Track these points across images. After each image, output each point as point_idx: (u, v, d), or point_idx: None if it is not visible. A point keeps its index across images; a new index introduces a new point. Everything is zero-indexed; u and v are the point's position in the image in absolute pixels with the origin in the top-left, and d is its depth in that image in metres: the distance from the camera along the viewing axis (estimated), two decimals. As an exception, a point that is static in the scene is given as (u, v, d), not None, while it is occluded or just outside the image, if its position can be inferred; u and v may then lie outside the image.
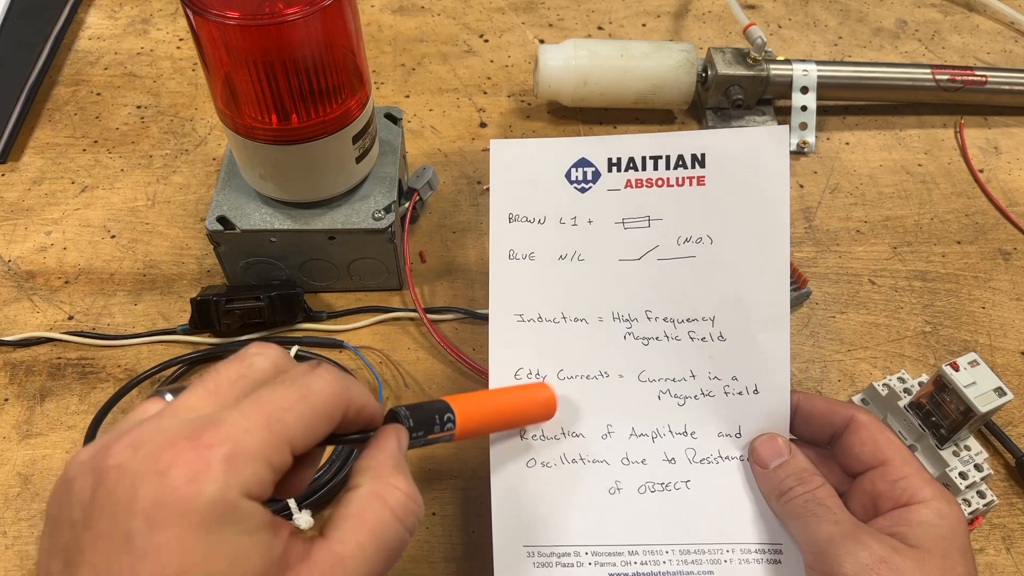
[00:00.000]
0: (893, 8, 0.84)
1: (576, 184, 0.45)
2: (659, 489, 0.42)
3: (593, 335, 0.43)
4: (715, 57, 0.68)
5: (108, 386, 0.53)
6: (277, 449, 0.25)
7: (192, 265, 0.60)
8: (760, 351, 0.42)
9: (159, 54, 0.76)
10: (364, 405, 0.30)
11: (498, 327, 0.43)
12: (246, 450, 0.25)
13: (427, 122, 0.71)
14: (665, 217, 0.44)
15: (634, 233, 0.44)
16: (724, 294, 0.43)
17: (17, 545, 0.47)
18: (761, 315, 0.43)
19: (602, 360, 0.43)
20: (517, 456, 0.42)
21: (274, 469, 0.25)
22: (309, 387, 0.27)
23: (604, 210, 0.44)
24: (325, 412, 0.27)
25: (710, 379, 0.43)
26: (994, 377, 0.45)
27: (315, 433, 0.27)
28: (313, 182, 0.52)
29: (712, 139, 0.44)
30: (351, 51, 0.49)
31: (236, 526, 0.24)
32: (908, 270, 0.61)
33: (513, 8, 0.82)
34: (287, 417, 0.26)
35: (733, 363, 0.43)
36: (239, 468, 0.24)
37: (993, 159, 0.70)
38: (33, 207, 0.63)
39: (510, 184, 0.45)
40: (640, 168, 0.44)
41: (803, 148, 0.69)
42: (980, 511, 0.47)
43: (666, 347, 0.43)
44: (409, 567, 0.46)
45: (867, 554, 0.34)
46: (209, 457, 0.24)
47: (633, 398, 0.43)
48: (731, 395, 0.42)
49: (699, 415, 0.42)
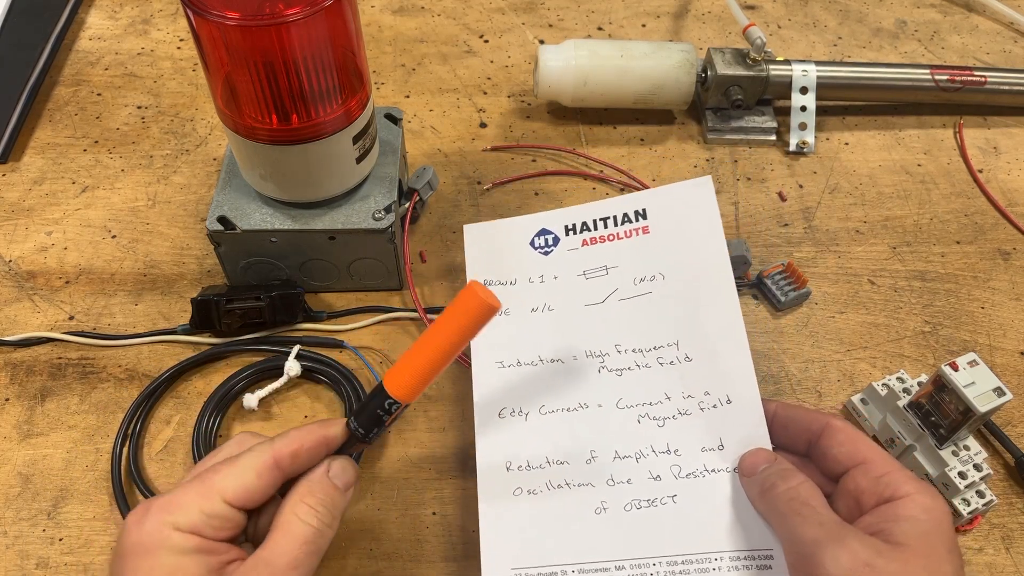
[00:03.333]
0: (893, 8, 0.84)
1: (539, 249, 0.52)
2: (645, 505, 0.43)
3: (569, 372, 0.47)
4: (715, 57, 0.68)
5: (109, 386, 0.53)
6: (208, 499, 0.35)
7: (192, 265, 0.60)
8: (725, 364, 0.46)
9: (159, 54, 0.76)
10: (296, 448, 0.38)
11: (480, 375, 0.47)
12: (179, 501, 0.35)
13: (427, 122, 0.71)
14: (620, 264, 0.50)
15: (595, 281, 0.50)
16: (683, 320, 0.47)
17: (17, 545, 0.47)
18: (719, 334, 0.46)
19: (580, 393, 0.46)
20: (503, 487, 0.44)
21: (208, 514, 0.35)
22: (238, 457, 0.37)
23: (566, 267, 0.50)
24: (252, 470, 0.36)
25: (684, 398, 0.45)
26: (993, 377, 0.45)
27: (249, 486, 0.36)
28: (313, 182, 0.52)
29: (650, 197, 0.51)
30: (351, 51, 0.49)
31: (170, 549, 0.34)
32: (907, 270, 0.61)
33: (513, 8, 0.82)
34: (215, 477, 0.36)
35: (703, 379, 0.45)
36: (172, 510, 0.35)
37: (992, 159, 0.70)
38: (34, 207, 0.63)
39: (483, 257, 0.52)
40: (593, 228, 0.51)
41: (802, 148, 0.69)
42: (979, 511, 0.47)
43: (638, 375, 0.46)
44: (409, 567, 0.46)
45: (850, 558, 0.34)
46: (152, 507, 0.35)
47: (614, 424, 0.45)
48: (707, 409, 0.45)
49: (680, 433, 0.44)
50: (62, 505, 0.48)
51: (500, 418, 0.46)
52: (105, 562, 0.46)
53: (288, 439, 0.38)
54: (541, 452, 0.45)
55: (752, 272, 0.60)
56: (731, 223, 0.64)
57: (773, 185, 0.67)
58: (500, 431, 0.46)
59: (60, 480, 0.49)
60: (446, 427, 0.52)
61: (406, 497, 0.49)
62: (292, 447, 0.38)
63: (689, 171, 0.68)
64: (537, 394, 0.47)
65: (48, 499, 0.49)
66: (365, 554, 0.47)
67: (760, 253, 0.62)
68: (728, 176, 0.67)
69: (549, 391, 0.47)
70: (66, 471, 0.50)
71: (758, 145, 0.70)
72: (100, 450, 0.51)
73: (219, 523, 0.35)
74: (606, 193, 0.66)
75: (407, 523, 0.48)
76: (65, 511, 0.48)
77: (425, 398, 0.53)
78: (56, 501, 0.48)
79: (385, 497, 0.49)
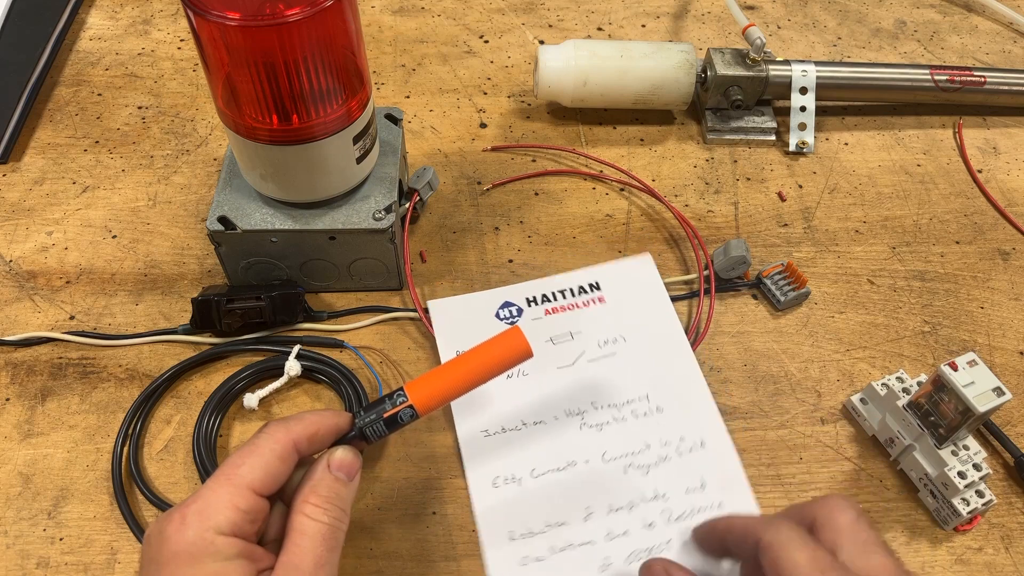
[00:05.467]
0: (892, 9, 0.84)
1: (505, 320, 0.56)
2: (644, 555, 0.46)
3: (553, 432, 0.51)
4: (714, 58, 0.69)
5: (109, 386, 0.53)
6: (240, 495, 0.35)
7: (193, 265, 0.60)
8: (694, 411, 0.52)
9: (160, 55, 0.76)
10: (314, 432, 0.38)
11: (468, 446, 0.50)
12: (213, 503, 0.35)
13: (427, 122, 0.71)
14: (583, 330, 0.55)
15: (563, 346, 0.55)
16: (648, 376, 0.53)
17: (18, 545, 0.47)
18: (683, 386, 0.53)
19: (567, 451, 0.50)
20: (512, 559, 0.46)
21: (244, 511, 0.35)
22: (255, 443, 0.37)
23: (534, 334, 0.54)
24: (273, 455, 0.37)
25: (663, 445, 0.50)
26: (993, 377, 0.45)
27: (273, 472, 0.36)
28: (314, 182, 0.52)
29: (601, 271, 0.58)
30: (351, 52, 0.49)
31: (215, 555, 0.34)
32: (907, 270, 0.61)
33: (513, 9, 0.82)
34: (240, 470, 0.36)
35: (676, 426, 0.51)
36: (210, 515, 0.34)
37: (992, 159, 0.70)
38: (34, 207, 0.63)
39: (451, 329, 0.55)
40: (553, 299, 0.57)
41: (802, 148, 0.69)
42: (979, 510, 0.47)
43: (617, 428, 0.51)
44: (409, 566, 0.47)
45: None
46: (188, 513, 0.35)
47: (603, 477, 0.49)
48: (684, 453, 0.50)
49: (664, 478, 0.49)
50: (62, 505, 0.48)
51: (495, 487, 0.49)
52: (105, 562, 0.46)
53: (305, 423, 0.38)
54: (540, 516, 0.47)
55: (752, 272, 0.60)
56: (731, 223, 0.64)
57: (773, 185, 0.67)
58: (498, 502, 0.48)
59: (60, 480, 0.49)
60: (446, 427, 0.52)
61: (406, 497, 0.49)
62: (310, 430, 0.38)
63: (689, 171, 0.68)
64: (527, 458, 0.50)
65: (48, 499, 0.49)
66: (365, 554, 0.47)
67: (760, 253, 0.62)
68: (728, 176, 0.68)
69: (537, 453, 0.50)
70: (66, 471, 0.50)
71: (758, 145, 0.70)
72: (100, 450, 0.51)
73: (252, 516, 0.36)
74: (606, 193, 0.66)
75: (407, 523, 0.48)
76: (65, 511, 0.48)
77: (425, 398, 0.53)
78: (56, 501, 0.49)
79: (385, 497, 0.49)
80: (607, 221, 0.64)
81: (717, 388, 0.54)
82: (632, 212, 0.64)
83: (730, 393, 0.54)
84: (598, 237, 0.62)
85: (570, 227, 0.63)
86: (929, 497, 0.49)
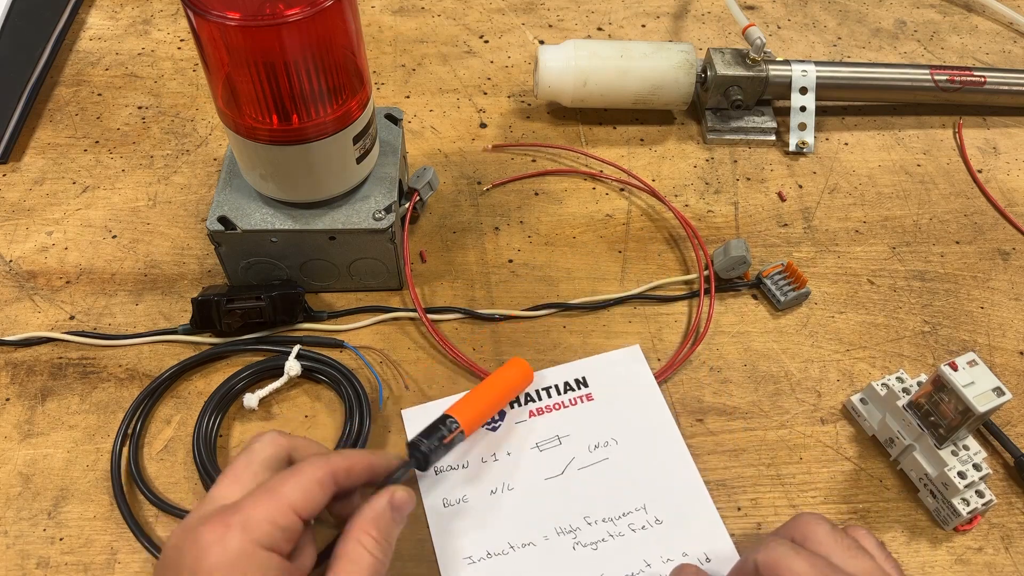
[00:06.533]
0: (892, 9, 0.84)
1: (487, 426, 0.51)
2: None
3: (544, 555, 0.46)
4: (714, 58, 0.69)
5: (109, 386, 0.53)
6: (281, 512, 0.35)
7: (193, 265, 0.60)
8: (696, 523, 0.47)
9: (160, 55, 0.76)
10: (351, 466, 0.39)
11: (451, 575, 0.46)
12: (256, 517, 0.35)
13: (427, 122, 0.71)
14: (571, 433, 0.51)
15: (550, 452, 0.50)
16: (645, 483, 0.49)
17: (18, 545, 0.47)
18: (683, 493, 0.48)
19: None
20: None
21: (282, 528, 0.35)
22: (298, 468, 0.37)
23: (517, 440, 0.50)
24: (315, 480, 0.37)
25: (664, 562, 0.46)
26: (993, 377, 0.45)
27: (313, 497, 0.37)
28: (314, 182, 0.52)
29: (586, 365, 0.54)
30: (351, 52, 0.49)
31: (257, 568, 0.34)
32: (907, 270, 0.61)
33: (513, 9, 0.82)
34: (284, 489, 0.36)
35: (678, 541, 0.47)
36: (252, 528, 0.34)
37: (992, 159, 0.70)
38: (34, 207, 0.63)
39: None
40: (537, 399, 0.52)
41: (802, 148, 0.69)
42: (979, 510, 0.47)
43: (614, 545, 0.46)
44: (409, 566, 0.47)
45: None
46: (232, 524, 0.34)
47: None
48: None
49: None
50: (62, 505, 0.48)
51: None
52: (105, 562, 0.46)
53: (342, 455, 0.39)
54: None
55: (752, 272, 0.60)
56: (731, 223, 0.64)
57: (773, 185, 0.67)
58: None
59: (60, 480, 0.49)
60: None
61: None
62: (347, 463, 0.39)
63: (689, 171, 0.68)
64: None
65: (48, 499, 0.49)
66: (365, 554, 0.47)
67: (760, 253, 0.62)
68: (728, 176, 0.68)
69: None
70: (66, 471, 0.50)
71: (758, 145, 0.70)
72: (100, 450, 0.51)
73: (288, 535, 0.36)
74: (606, 193, 0.66)
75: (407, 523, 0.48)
76: (65, 511, 0.48)
77: (425, 395, 0.53)
78: (56, 501, 0.49)
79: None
80: (607, 221, 0.64)
81: (717, 388, 0.54)
82: (632, 212, 0.64)
83: (730, 393, 0.54)
84: (598, 237, 0.62)
85: (570, 227, 0.63)
86: (929, 497, 0.49)
